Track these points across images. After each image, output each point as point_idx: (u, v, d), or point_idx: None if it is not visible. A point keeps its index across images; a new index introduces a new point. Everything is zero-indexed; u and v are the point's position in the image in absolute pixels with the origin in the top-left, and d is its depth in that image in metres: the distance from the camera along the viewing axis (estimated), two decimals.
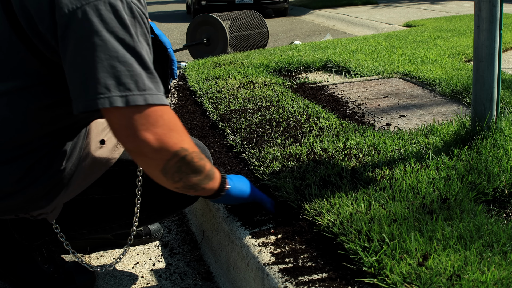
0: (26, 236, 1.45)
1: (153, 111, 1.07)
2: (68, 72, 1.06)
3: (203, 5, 10.63)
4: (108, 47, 1.02)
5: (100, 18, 1.03)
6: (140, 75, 1.06)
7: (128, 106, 1.04)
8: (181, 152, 1.14)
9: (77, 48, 1.03)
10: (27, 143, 1.19)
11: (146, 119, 1.06)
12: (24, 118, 1.16)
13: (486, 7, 1.64)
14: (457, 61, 3.59)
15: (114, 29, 1.03)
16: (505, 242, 1.18)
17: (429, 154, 1.70)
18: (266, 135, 2.02)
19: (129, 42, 1.05)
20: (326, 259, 1.22)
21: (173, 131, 1.12)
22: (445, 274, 1.06)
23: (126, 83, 1.04)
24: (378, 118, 2.38)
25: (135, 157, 1.12)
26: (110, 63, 1.02)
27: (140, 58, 1.06)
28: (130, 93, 1.04)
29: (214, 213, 1.65)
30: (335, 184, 1.52)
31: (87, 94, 1.03)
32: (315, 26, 8.90)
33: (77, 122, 1.26)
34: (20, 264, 1.46)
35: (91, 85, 1.02)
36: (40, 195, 1.23)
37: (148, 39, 1.12)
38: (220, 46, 5.38)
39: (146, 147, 1.08)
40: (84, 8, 1.02)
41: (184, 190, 1.23)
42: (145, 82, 1.06)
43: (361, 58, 3.77)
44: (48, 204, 1.26)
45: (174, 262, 1.72)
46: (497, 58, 1.70)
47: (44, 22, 1.05)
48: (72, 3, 1.03)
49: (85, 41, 1.02)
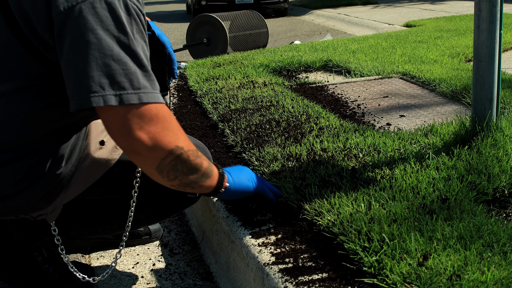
0: (26, 236, 1.45)
1: (147, 110, 1.07)
2: (64, 70, 1.06)
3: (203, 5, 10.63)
4: (102, 45, 1.02)
5: (95, 16, 1.03)
6: (135, 73, 1.05)
7: (122, 105, 1.04)
8: (176, 151, 1.13)
9: (72, 46, 1.03)
10: (26, 145, 1.18)
11: (140, 118, 1.06)
12: (23, 119, 1.16)
13: (486, 7, 1.64)
14: (457, 61, 3.59)
15: (109, 27, 1.03)
16: (505, 242, 1.18)
17: (429, 154, 1.70)
18: (266, 135, 2.02)
19: (124, 40, 1.05)
20: (326, 259, 1.22)
21: (168, 129, 1.11)
22: (445, 274, 1.06)
23: (121, 81, 1.03)
24: (378, 118, 2.38)
25: (129, 155, 1.12)
26: (105, 62, 1.02)
27: (135, 56, 1.06)
28: (124, 92, 1.04)
29: (214, 213, 1.65)
30: (335, 184, 1.52)
31: (81, 92, 1.03)
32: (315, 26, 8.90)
33: (76, 123, 1.26)
34: (20, 264, 1.46)
35: (85, 83, 1.02)
36: (39, 197, 1.23)
37: (144, 36, 1.12)
38: (220, 46, 5.38)
39: (140, 146, 1.08)
40: (79, 6, 1.02)
41: (180, 188, 1.23)
42: (140, 80, 1.06)
43: (361, 58, 3.77)
44: (47, 205, 1.26)
45: (174, 262, 1.72)
46: (497, 58, 1.70)
47: (41, 21, 1.05)
48: (68, 1, 1.03)
49: (80, 39, 1.02)
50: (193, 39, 5.55)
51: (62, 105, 1.17)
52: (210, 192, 1.32)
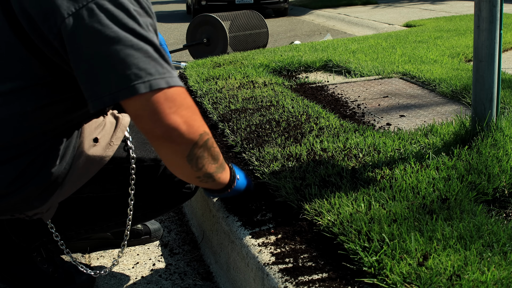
0: (24, 237, 1.45)
1: (176, 93, 1.06)
2: (83, 71, 1.04)
3: (203, 5, 10.63)
4: (121, 38, 1.02)
5: (107, 14, 1.03)
6: (157, 59, 1.06)
7: (152, 91, 1.03)
8: (204, 136, 1.13)
9: (90, 45, 1.02)
10: (22, 144, 1.18)
11: (173, 102, 1.05)
12: (21, 118, 1.16)
13: (486, 7, 1.64)
14: (457, 61, 3.59)
15: (123, 21, 1.04)
16: (505, 242, 1.18)
17: (429, 154, 1.70)
18: (266, 135, 2.02)
19: (140, 31, 1.05)
20: (326, 259, 1.22)
21: (195, 114, 1.11)
22: (445, 274, 1.06)
23: (146, 68, 1.03)
24: (378, 118, 2.38)
25: (161, 144, 1.09)
26: (127, 53, 1.02)
27: (153, 44, 1.06)
28: (152, 78, 1.03)
29: (214, 213, 1.65)
30: (335, 184, 1.52)
31: (110, 87, 1.02)
32: (315, 26, 8.90)
33: (71, 121, 1.25)
34: (19, 265, 1.46)
35: (112, 78, 1.02)
36: (34, 195, 1.22)
37: (156, 29, 1.13)
38: (220, 46, 5.38)
39: (175, 131, 1.06)
40: (89, 5, 1.03)
41: (202, 180, 1.23)
42: (163, 65, 1.06)
43: (361, 58, 3.77)
44: (42, 204, 1.26)
45: (174, 262, 1.72)
46: (497, 58, 1.70)
47: (47, 22, 1.05)
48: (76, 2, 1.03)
49: (97, 36, 1.02)
50: (193, 39, 5.55)
51: (60, 105, 1.17)
52: (222, 188, 1.33)
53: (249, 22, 5.74)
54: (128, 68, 1.02)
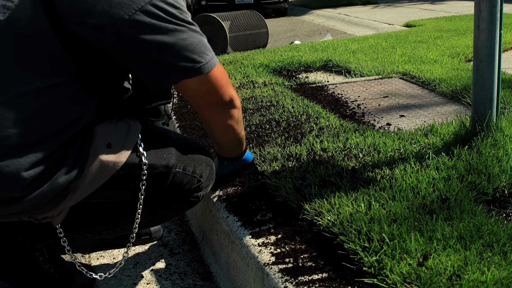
0: (30, 239, 1.44)
1: (222, 68, 1.33)
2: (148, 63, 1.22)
3: (203, 5, 10.62)
4: (177, 29, 1.21)
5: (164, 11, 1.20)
6: (206, 43, 1.28)
7: (213, 69, 1.27)
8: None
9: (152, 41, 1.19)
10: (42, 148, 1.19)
11: (225, 76, 1.33)
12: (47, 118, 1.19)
13: (486, 7, 1.64)
14: (457, 61, 3.59)
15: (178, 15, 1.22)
16: (505, 242, 1.18)
17: (429, 154, 1.70)
18: (266, 135, 2.02)
19: (191, 21, 1.25)
20: (326, 259, 1.22)
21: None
22: (445, 274, 1.06)
23: (205, 51, 1.26)
24: (378, 118, 2.38)
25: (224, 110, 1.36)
26: (188, 41, 1.22)
27: (200, 31, 1.27)
28: (210, 58, 1.26)
29: (214, 213, 1.65)
30: (335, 184, 1.52)
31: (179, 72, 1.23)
32: (315, 26, 8.90)
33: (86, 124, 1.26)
34: (21, 264, 1.46)
35: (179, 64, 1.22)
36: (46, 200, 1.22)
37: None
38: (220, 46, 5.38)
39: (231, 97, 1.34)
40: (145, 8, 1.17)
41: (236, 144, 1.54)
42: (210, 48, 1.28)
43: (361, 58, 3.77)
44: (54, 208, 1.25)
45: (174, 262, 1.72)
46: (497, 58, 1.70)
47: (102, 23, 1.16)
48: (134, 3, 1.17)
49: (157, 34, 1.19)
50: None
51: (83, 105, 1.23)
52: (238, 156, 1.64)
53: (249, 22, 5.74)
54: (192, 52, 1.23)
